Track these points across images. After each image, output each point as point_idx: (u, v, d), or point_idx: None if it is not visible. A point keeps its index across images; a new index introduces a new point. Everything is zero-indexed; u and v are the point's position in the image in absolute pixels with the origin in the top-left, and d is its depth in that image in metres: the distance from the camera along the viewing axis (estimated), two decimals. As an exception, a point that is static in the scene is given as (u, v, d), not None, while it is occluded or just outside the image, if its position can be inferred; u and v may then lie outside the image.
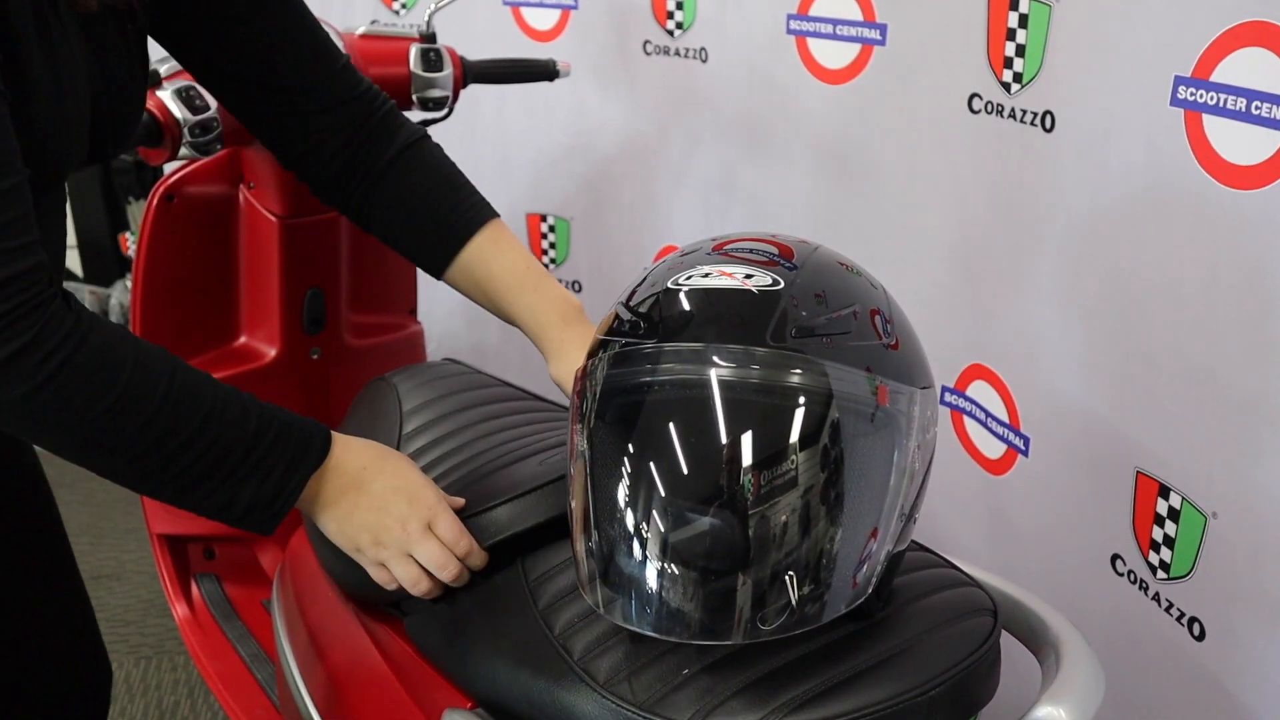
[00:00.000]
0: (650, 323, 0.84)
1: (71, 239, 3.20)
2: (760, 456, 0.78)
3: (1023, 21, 1.27)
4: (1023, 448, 1.39)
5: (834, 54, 1.55)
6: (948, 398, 1.51)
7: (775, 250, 0.90)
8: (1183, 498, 1.16)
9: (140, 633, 2.24)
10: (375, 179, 1.06)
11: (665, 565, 0.80)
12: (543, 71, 1.67)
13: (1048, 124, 1.26)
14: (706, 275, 0.84)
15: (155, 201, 1.50)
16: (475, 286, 1.07)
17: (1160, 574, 1.21)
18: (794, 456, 0.78)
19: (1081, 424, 1.29)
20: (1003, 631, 0.91)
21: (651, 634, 0.81)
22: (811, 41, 1.57)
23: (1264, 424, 1.07)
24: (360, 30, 1.60)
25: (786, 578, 0.78)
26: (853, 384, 0.80)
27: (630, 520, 0.81)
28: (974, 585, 0.92)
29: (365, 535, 0.91)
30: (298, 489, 0.87)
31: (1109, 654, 1.25)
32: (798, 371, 0.79)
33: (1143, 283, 1.18)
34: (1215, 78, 1.05)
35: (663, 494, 0.80)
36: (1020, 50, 1.29)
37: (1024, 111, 1.30)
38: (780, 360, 0.79)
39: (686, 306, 0.83)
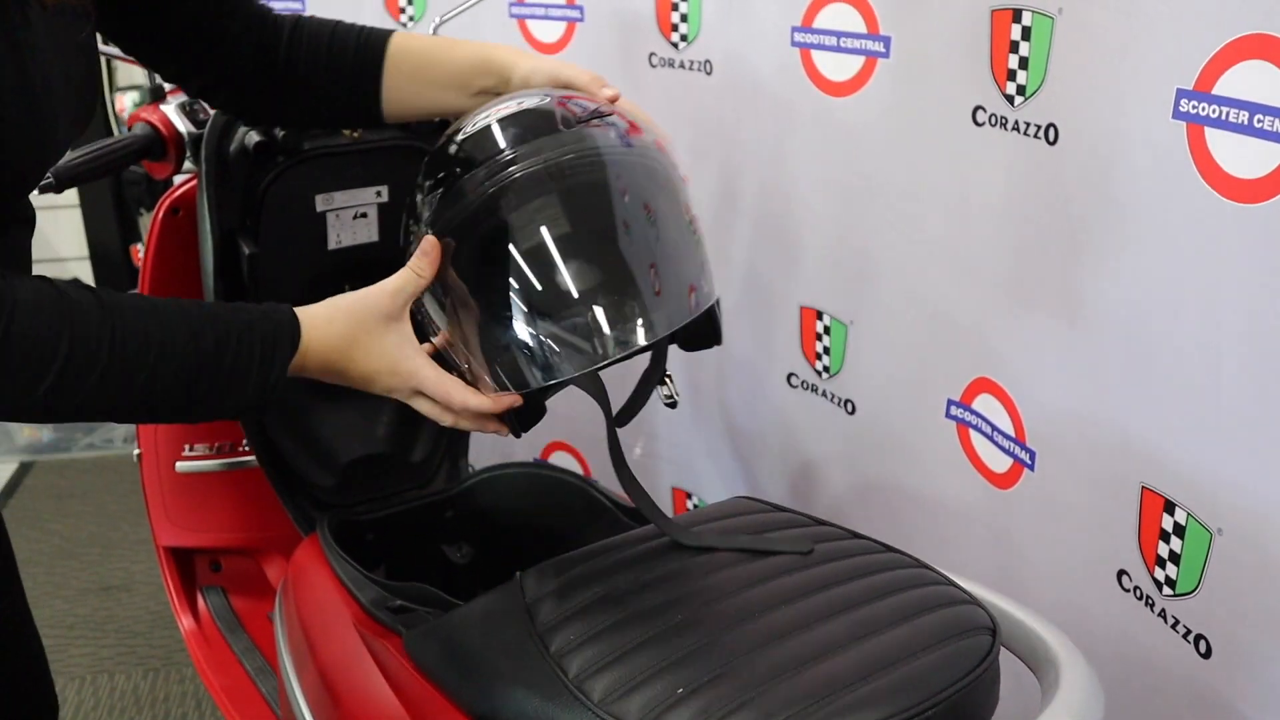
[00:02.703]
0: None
1: (83, 250, 3.22)
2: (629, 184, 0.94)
3: (1025, 34, 1.27)
4: (1028, 462, 1.38)
5: (838, 66, 1.54)
6: (953, 411, 1.51)
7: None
8: (1188, 513, 1.15)
9: (149, 644, 2.25)
10: (284, 60, 1.10)
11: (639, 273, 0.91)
12: (548, 84, 1.67)
13: (1051, 137, 1.26)
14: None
15: (161, 214, 1.51)
16: (413, 76, 1.09)
17: (1166, 590, 1.20)
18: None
19: (1087, 438, 1.28)
20: (1004, 649, 0.90)
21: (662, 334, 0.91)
22: (815, 54, 1.57)
23: (1270, 440, 1.06)
24: (365, 44, 1.60)
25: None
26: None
27: (608, 258, 0.91)
28: (973, 603, 0.91)
29: (366, 391, 0.93)
30: (279, 381, 0.87)
31: (1115, 670, 1.24)
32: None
33: (1146, 296, 1.17)
34: (1217, 91, 1.05)
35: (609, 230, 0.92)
36: (1023, 63, 1.28)
37: (1027, 124, 1.29)
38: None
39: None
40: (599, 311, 0.89)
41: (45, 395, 0.78)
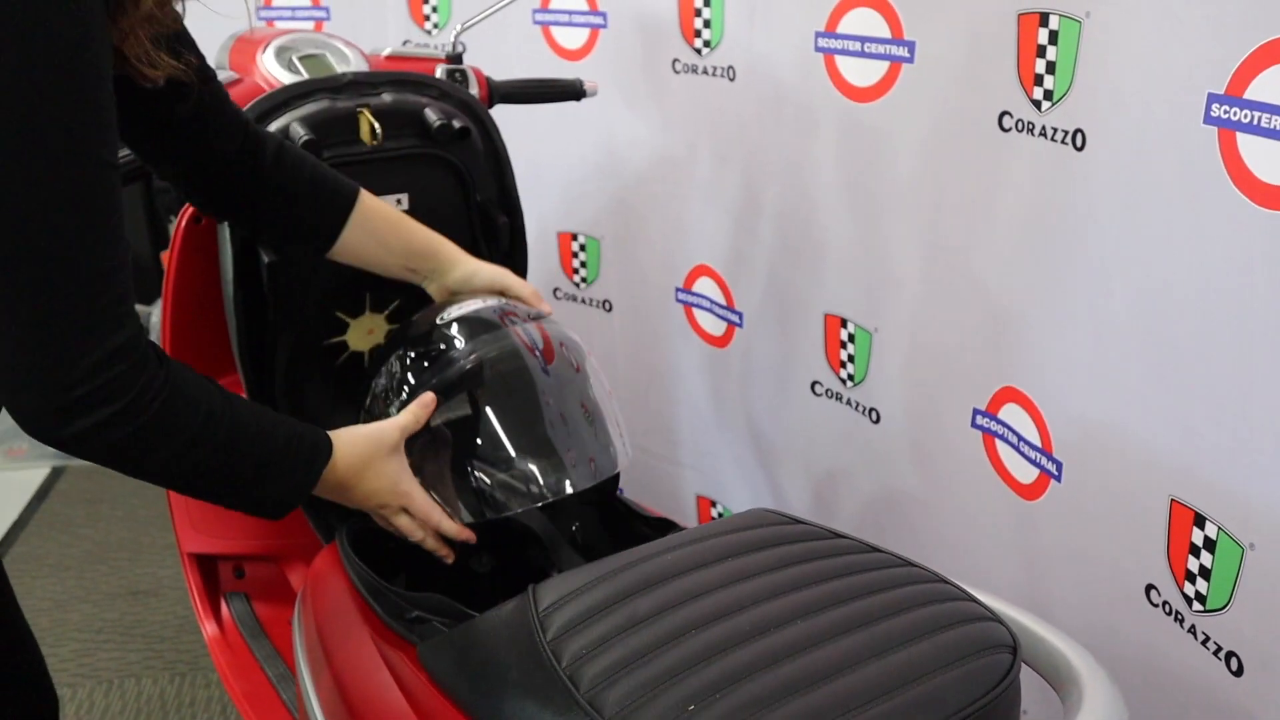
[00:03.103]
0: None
1: (116, 257, 3.24)
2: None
3: (1053, 38, 1.25)
4: (1055, 473, 1.36)
5: (862, 72, 1.53)
6: (979, 420, 1.48)
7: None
8: (1219, 527, 1.12)
9: (176, 649, 2.26)
10: (263, 180, 1.18)
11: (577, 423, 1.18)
12: (570, 91, 1.67)
13: (1078, 142, 1.24)
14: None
15: (184, 222, 1.52)
16: (370, 235, 1.23)
17: (1196, 606, 1.17)
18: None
19: (1114, 449, 1.26)
20: (1025, 667, 0.88)
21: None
22: (839, 59, 1.55)
23: (1303, 452, 1.04)
24: (386, 51, 1.60)
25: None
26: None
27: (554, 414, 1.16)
28: (993, 619, 0.89)
29: (362, 509, 1.11)
30: (310, 486, 1.01)
31: (1143, 688, 1.21)
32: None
33: (1176, 304, 1.15)
34: (1249, 95, 1.02)
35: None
36: (1050, 67, 1.26)
37: (1055, 130, 1.27)
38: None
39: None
40: (522, 471, 1.13)
41: (172, 457, 0.88)
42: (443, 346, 1.16)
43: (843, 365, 1.71)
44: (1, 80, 0.72)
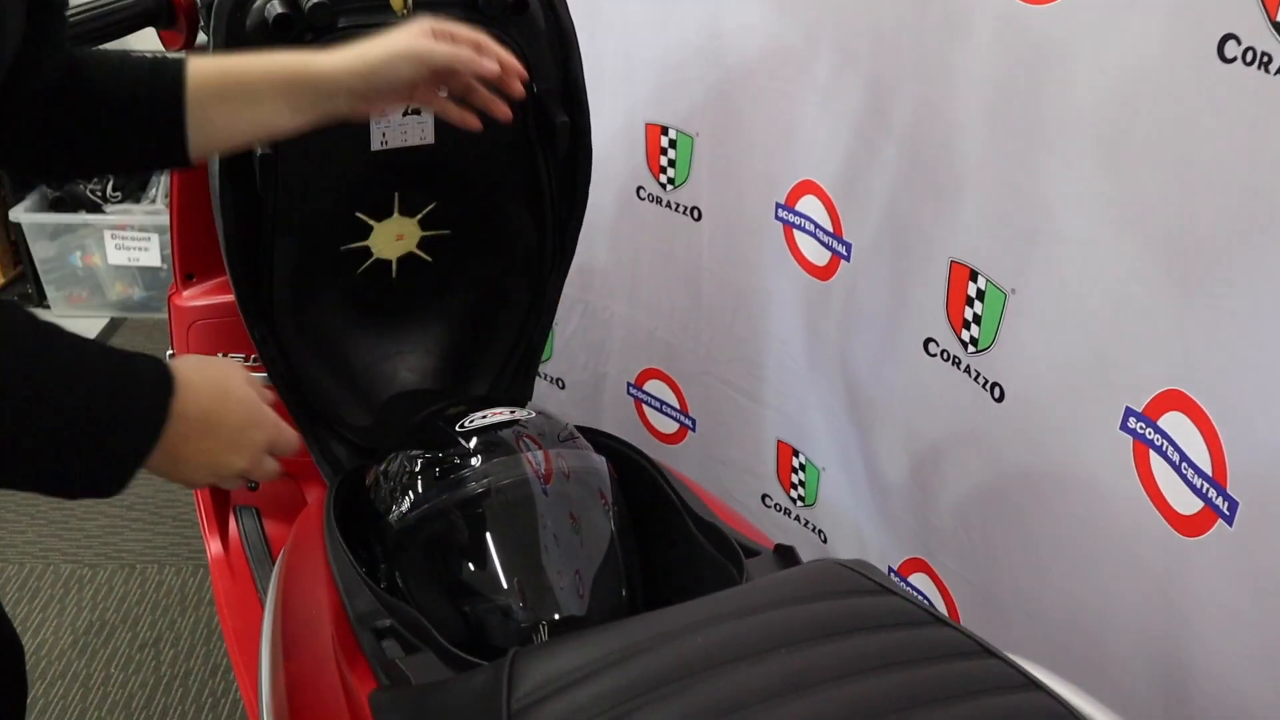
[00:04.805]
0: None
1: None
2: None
3: (1321, -62, 0.90)
4: (1225, 512, 1.06)
5: (1038, -39, 1.18)
6: (1131, 423, 1.18)
7: None
8: None
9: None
10: (91, 101, 0.89)
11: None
12: (664, -41, 1.36)
13: (1335, 89, 0.90)
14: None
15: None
16: (224, 99, 0.90)
17: (1405, 732, 0.88)
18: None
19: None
20: None
21: None
22: (1011, -57, 1.21)
23: None
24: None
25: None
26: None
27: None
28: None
29: (206, 474, 0.76)
30: (143, 455, 0.71)
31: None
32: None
33: None
34: None
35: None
36: (1310, -21, 0.92)
37: (1301, 67, 0.93)
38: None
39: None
40: (511, 605, 1.01)
41: None
42: (456, 460, 1.08)
43: (966, 326, 1.41)
44: None
